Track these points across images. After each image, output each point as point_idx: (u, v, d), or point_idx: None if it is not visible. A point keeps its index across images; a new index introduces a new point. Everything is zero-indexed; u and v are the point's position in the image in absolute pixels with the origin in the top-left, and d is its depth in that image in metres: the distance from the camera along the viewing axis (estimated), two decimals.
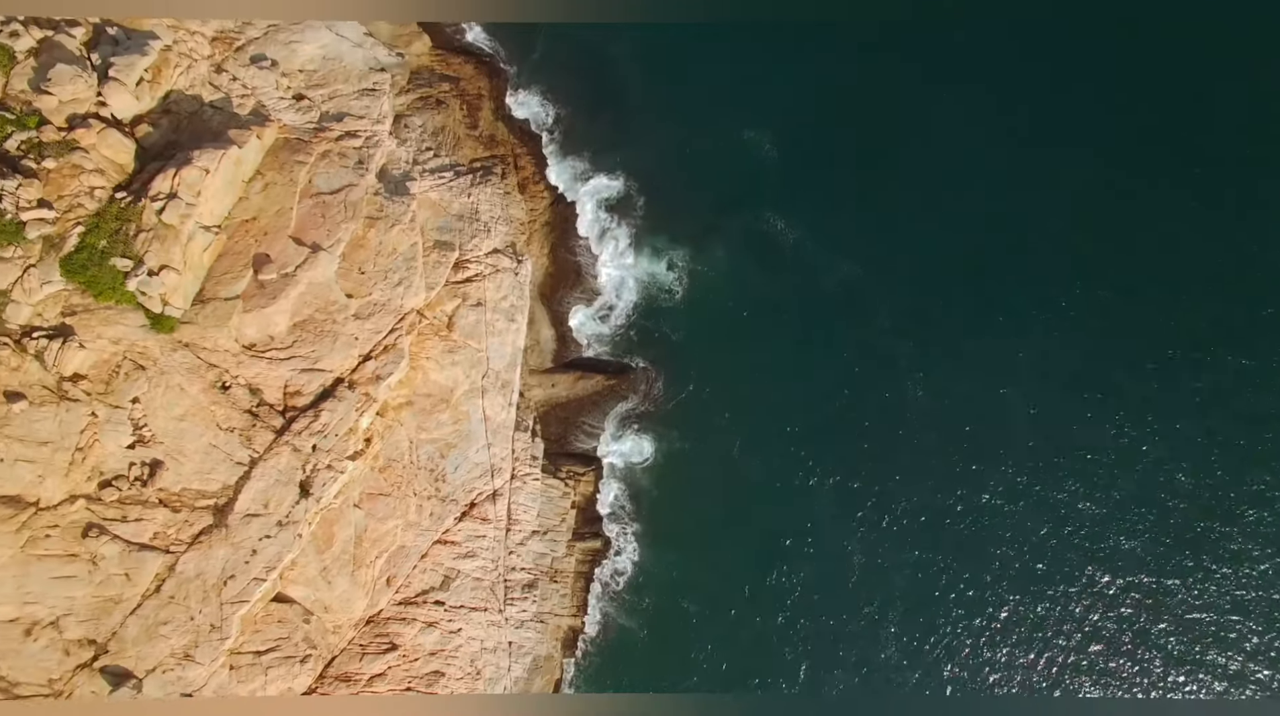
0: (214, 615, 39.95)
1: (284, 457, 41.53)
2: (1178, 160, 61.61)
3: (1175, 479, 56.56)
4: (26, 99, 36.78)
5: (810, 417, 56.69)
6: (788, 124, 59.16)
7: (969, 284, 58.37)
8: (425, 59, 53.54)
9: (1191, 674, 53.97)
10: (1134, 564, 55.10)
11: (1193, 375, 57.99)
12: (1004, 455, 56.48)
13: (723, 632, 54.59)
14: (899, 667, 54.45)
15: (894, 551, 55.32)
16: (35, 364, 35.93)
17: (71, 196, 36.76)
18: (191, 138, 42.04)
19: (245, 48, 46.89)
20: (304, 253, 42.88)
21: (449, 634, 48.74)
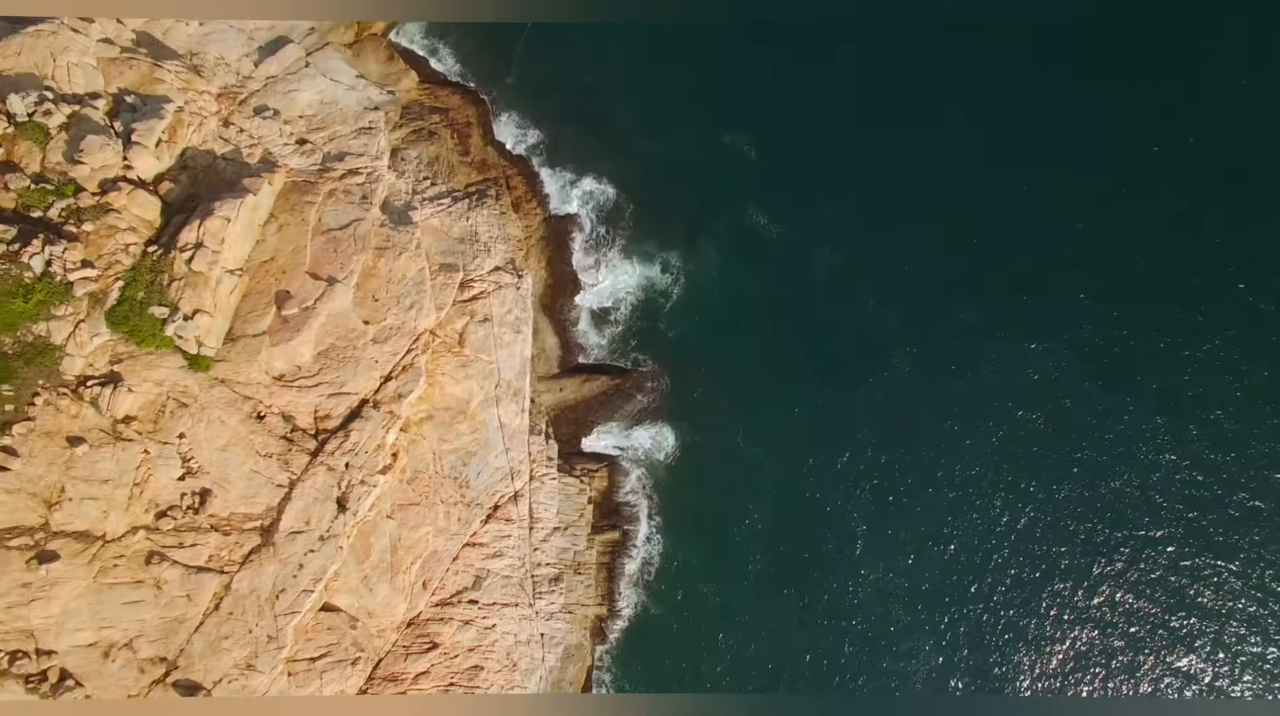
0: (269, 627, 43.35)
1: (320, 477, 44.93)
2: (1149, 138, 65.18)
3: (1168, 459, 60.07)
4: (62, 170, 40.16)
5: (807, 399, 59.84)
6: (762, 124, 62.16)
7: (944, 263, 61.61)
8: (414, 94, 56.84)
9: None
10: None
11: (1189, 347, 61.59)
12: (984, 428, 59.97)
13: (739, 610, 57.77)
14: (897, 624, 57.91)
15: (898, 523, 58.65)
16: (91, 410, 39.31)
17: (110, 254, 40.14)
18: (209, 189, 45.40)
19: (248, 100, 50.23)
20: (321, 286, 46.22)
21: (484, 630, 52.03)
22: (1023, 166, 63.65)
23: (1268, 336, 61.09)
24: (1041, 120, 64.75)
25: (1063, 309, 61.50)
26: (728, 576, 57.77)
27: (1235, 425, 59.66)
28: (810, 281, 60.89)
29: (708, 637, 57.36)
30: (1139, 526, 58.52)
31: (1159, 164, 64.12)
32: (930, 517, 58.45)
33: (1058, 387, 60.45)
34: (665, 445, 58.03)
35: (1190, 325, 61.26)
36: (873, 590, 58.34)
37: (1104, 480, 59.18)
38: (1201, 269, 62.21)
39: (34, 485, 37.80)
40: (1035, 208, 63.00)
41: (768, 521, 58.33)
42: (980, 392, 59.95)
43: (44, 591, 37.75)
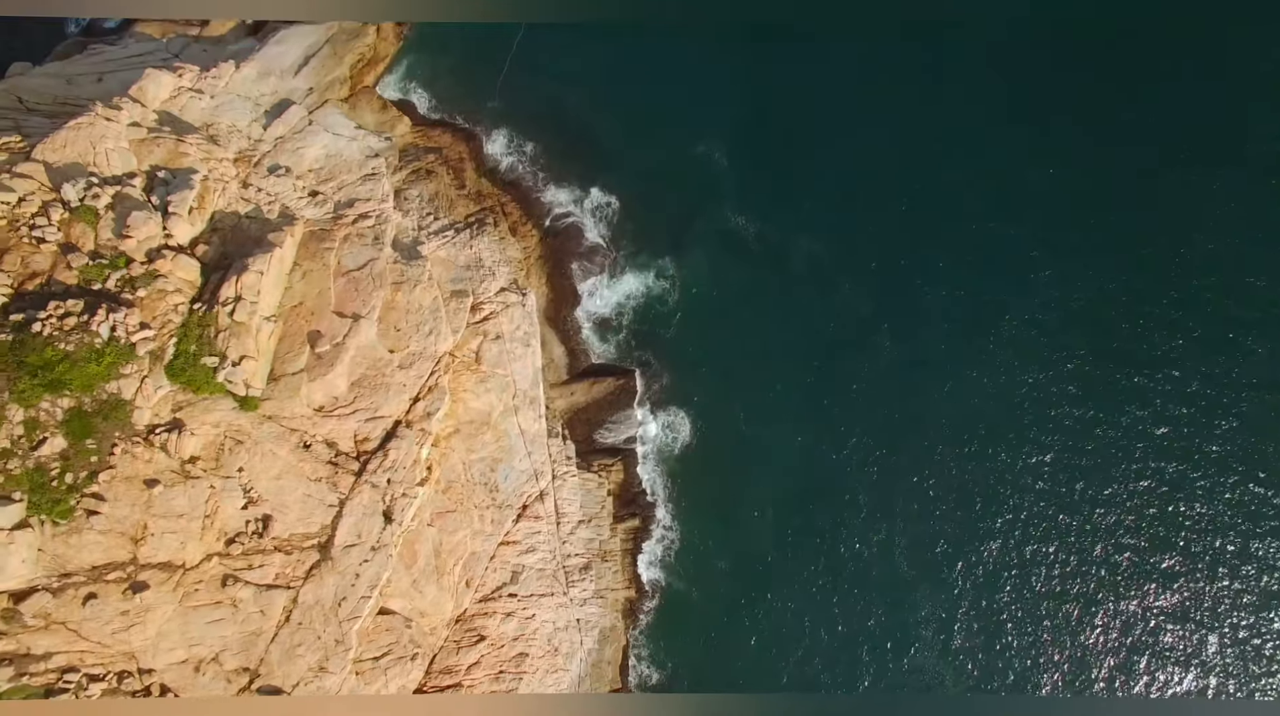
0: (336, 632, 48.31)
1: (365, 494, 49.90)
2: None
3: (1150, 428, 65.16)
4: (113, 244, 45.05)
5: (800, 381, 64.83)
6: (731, 131, 66.71)
7: (914, 243, 66.54)
8: (409, 137, 61.74)
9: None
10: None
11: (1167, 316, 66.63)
12: (962, 401, 65.10)
13: (756, 583, 62.75)
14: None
15: (894, 487, 63.63)
16: (162, 454, 44.22)
17: (162, 315, 45.04)
18: (238, 247, 50.31)
19: (261, 161, 55.15)
20: (348, 323, 51.11)
21: (525, 620, 57.01)
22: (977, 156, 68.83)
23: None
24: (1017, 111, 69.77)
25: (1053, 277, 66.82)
26: (743, 551, 62.73)
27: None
28: (791, 271, 65.74)
29: (730, 609, 62.36)
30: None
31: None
32: (915, 473, 63.51)
33: (1046, 350, 65.72)
34: (673, 435, 62.96)
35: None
36: (878, 550, 63.43)
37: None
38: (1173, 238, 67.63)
39: (121, 525, 42.73)
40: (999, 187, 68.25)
41: (776, 497, 63.24)
42: (967, 364, 65.12)
43: (140, 617, 42.65)
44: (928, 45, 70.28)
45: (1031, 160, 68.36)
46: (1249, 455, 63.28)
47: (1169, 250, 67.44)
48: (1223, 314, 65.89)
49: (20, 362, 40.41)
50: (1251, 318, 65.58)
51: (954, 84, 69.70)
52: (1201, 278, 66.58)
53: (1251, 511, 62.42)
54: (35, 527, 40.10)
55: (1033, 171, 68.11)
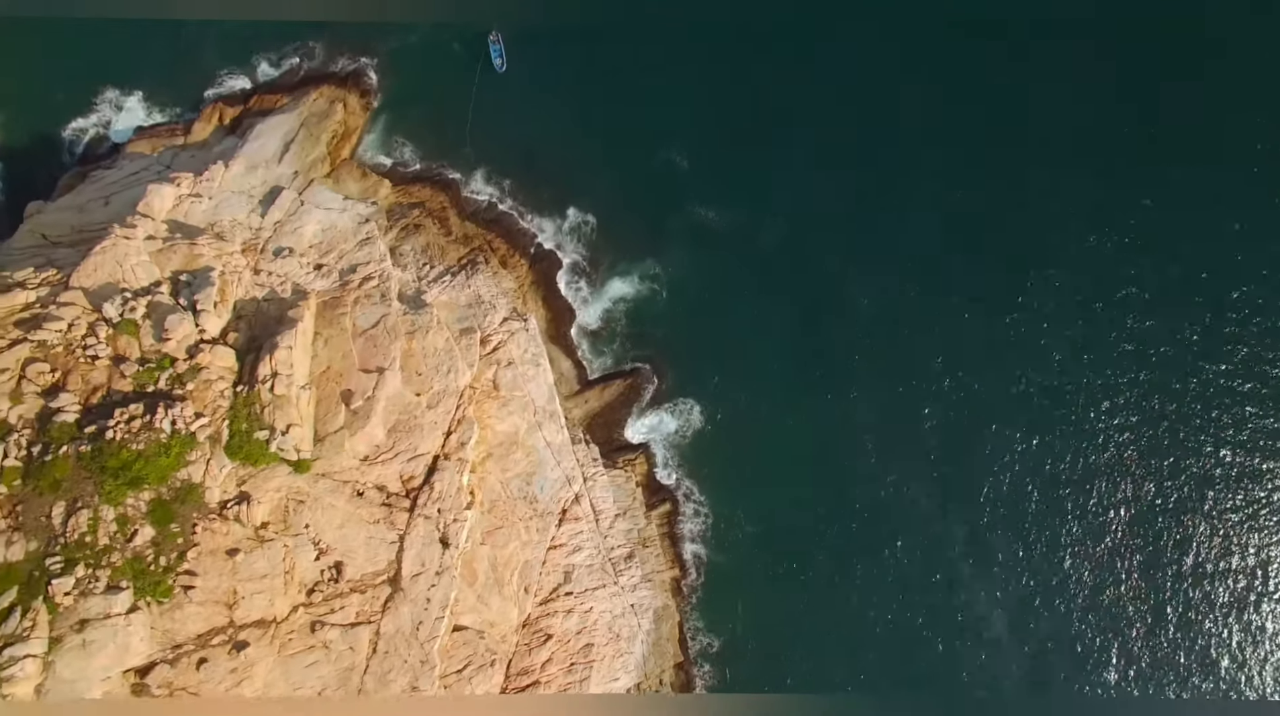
0: (419, 654, 53.48)
1: (420, 526, 55.06)
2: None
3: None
4: (156, 348, 50.19)
5: (791, 349, 70.02)
6: (686, 134, 71.33)
7: (869, 212, 71.66)
8: (393, 198, 66.68)
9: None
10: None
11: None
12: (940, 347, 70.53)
13: (788, 541, 68.03)
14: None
15: (891, 438, 69.09)
16: (236, 525, 49.37)
17: (212, 403, 50.15)
18: (263, 328, 55.39)
19: (266, 247, 60.22)
20: (373, 377, 56.17)
21: (584, 614, 62.20)
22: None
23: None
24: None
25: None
26: (771, 514, 68.30)
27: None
28: (766, 251, 71.10)
29: (769, 569, 67.63)
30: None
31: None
32: (908, 414, 68.81)
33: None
34: (686, 419, 68.00)
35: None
36: (893, 491, 68.72)
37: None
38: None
39: (215, 594, 47.88)
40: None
41: (791, 458, 68.83)
42: (940, 313, 70.48)
43: (246, 672, 47.78)
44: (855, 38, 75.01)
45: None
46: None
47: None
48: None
49: (103, 468, 45.59)
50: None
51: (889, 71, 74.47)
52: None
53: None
54: (144, 609, 45.27)
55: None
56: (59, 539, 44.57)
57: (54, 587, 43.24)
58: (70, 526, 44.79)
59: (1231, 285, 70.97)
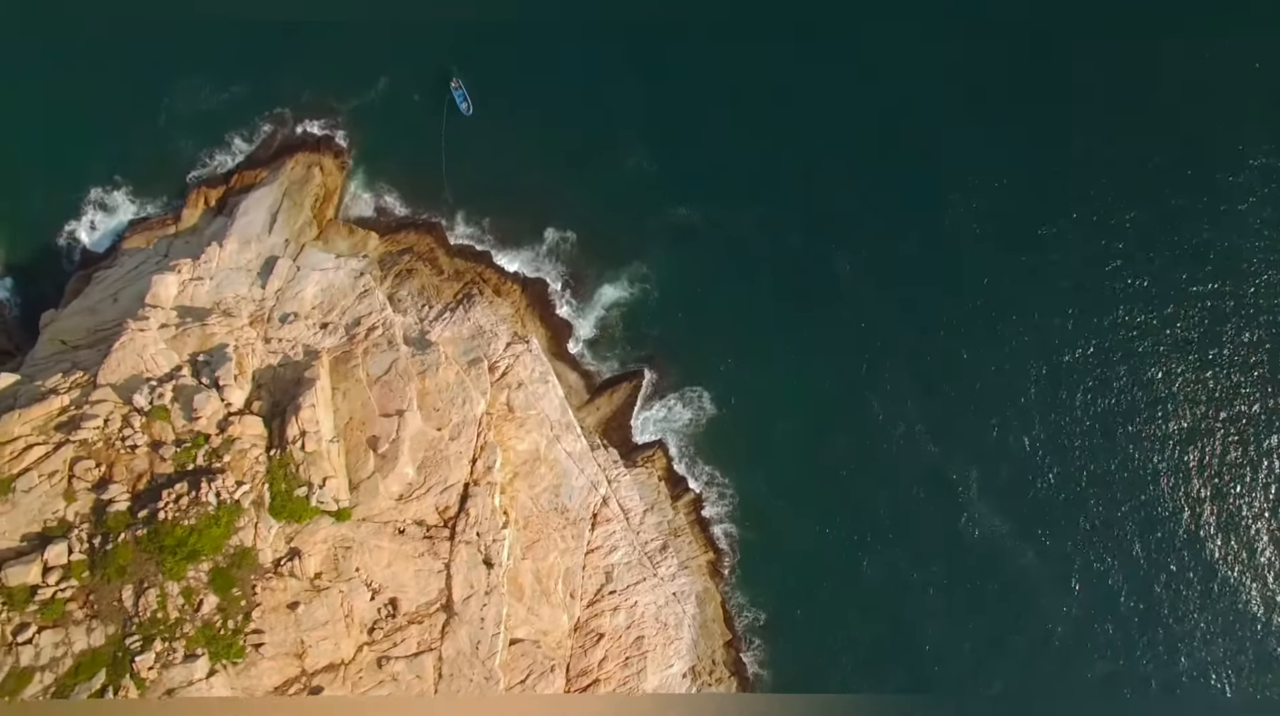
0: (483, 672, 56.50)
1: (463, 552, 58.07)
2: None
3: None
4: (189, 428, 53.22)
5: (783, 325, 73.10)
6: (648, 137, 74.00)
7: (835, 188, 74.76)
8: (382, 248, 69.60)
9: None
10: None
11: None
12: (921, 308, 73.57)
13: (814, 506, 71.11)
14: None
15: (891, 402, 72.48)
16: (292, 580, 52.39)
17: (250, 470, 53.18)
18: (283, 393, 58.40)
19: (271, 316, 63.17)
20: (395, 420, 59.15)
21: (630, 609, 65.23)
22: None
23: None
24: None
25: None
26: (792, 484, 71.45)
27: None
28: (744, 237, 73.95)
29: (799, 538, 70.65)
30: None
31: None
32: (901, 367, 71.90)
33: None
34: (694, 409, 71.03)
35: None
36: (902, 441, 71.70)
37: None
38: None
39: (283, 647, 50.91)
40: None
41: (801, 428, 72.00)
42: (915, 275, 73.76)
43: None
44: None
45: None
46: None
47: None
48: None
49: (161, 547, 48.64)
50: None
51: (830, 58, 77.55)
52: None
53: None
54: (222, 671, 48.37)
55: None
56: (133, 619, 47.68)
57: (138, 664, 46.39)
58: (141, 606, 47.89)
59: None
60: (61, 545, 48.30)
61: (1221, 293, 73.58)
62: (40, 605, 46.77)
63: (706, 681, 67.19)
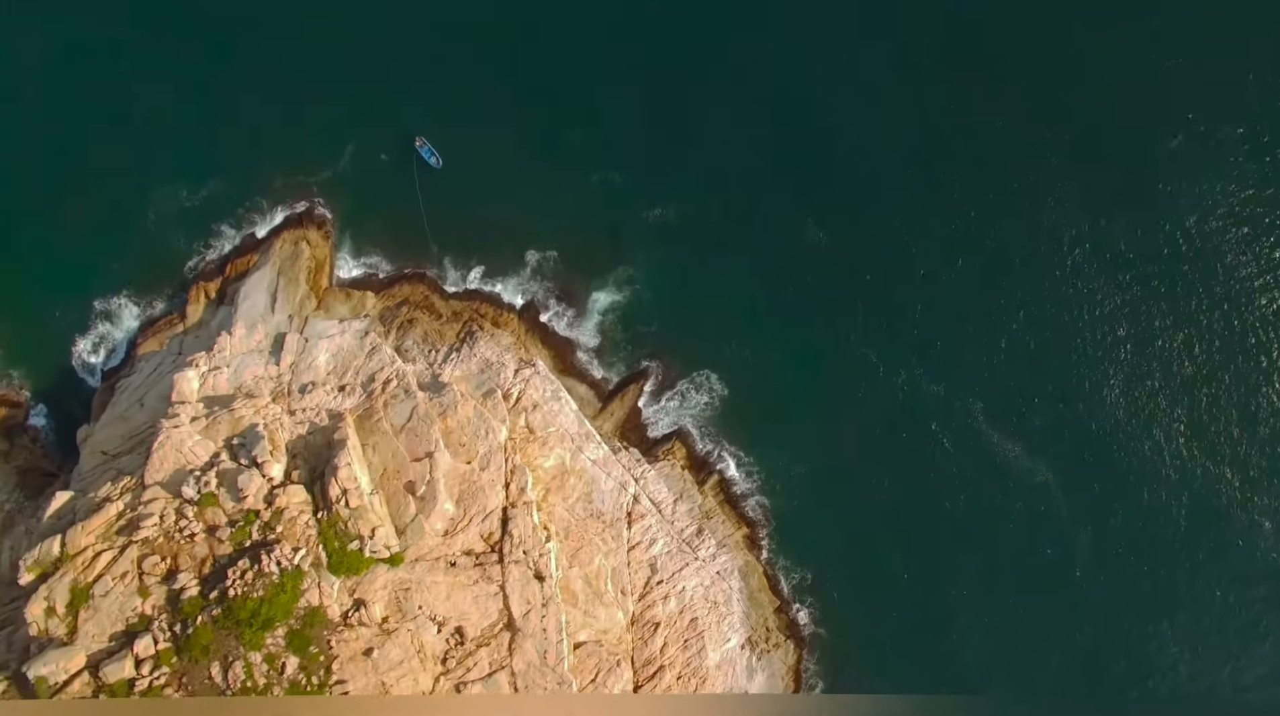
0: (555, 678, 60.05)
1: (514, 571, 61.59)
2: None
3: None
4: (238, 508, 56.77)
5: (773, 298, 76.46)
6: (612, 149, 76.97)
7: (792, 162, 78.19)
8: (380, 305, 72.94)
9: None
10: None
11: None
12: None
13: (830, 470, 74.45)
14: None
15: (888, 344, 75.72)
16: (362, 628, 55.98)
17: (302, 535, 56.72)
18: (317, 458, 61.94)
19: (291, 390, 66.62)
20: (426, 463, 62.63)
21: (679, 594, 68.68)
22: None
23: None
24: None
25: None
26: (811, 448, 74.66)
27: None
28: (711, 225, 77.13)
29: (828, 499, 74.13)
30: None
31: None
32: (890, 318, 75.25)
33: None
34: (706, 393, 74.38)
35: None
36: (907, 389, 75.16)
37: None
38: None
39: (367, 691, 54.46)
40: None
41: (809, 399, 75.51)
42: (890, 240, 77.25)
43: None
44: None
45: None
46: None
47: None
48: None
49: (237, 622, 52.23)
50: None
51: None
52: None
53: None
54: None
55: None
56: (226, 692, 51.26)
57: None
58: (231, 678, 51.49)
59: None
60: (146, 637, 51.91)
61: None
62: (140, 695, 50.35)
63: (765, 648, 70.60)
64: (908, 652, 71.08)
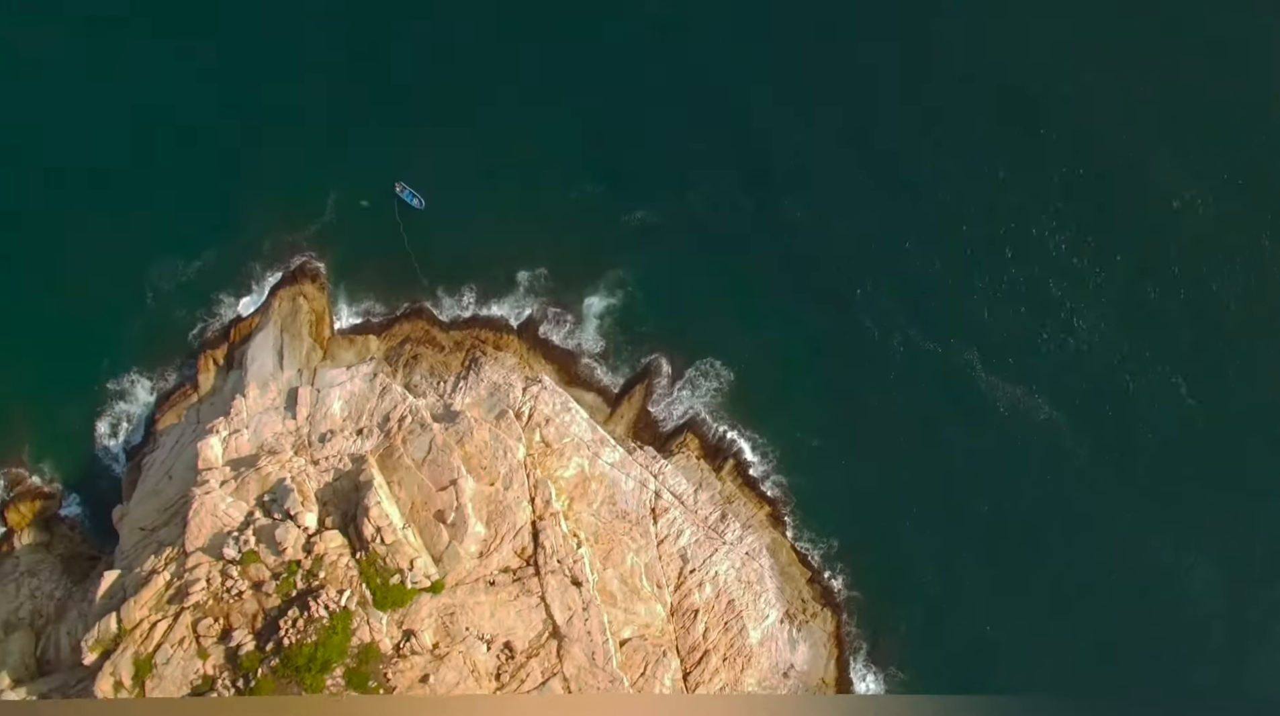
0: (606, 676, 62.25)
1: (552, 581, 63.77)
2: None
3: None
4: (280, 561, 59.01)
5: (762, 280, 78.71)
6: (583, 166, 79.61)
7: (759, 148, 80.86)
8: (383, 346, 75.15)
9: None
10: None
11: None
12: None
13: (843, 438, 76.59)
14: None
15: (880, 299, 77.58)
16: (415, 656, 58.19)
17: (344, 577, 58.96)
18: (346, 502, 64.15)
19: (311, 441, 68.80)
20: (451, 491, 64.71)
21: (713, 580, 70.81)
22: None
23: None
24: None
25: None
26: (823, 421, 76.78)
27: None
28: (699, 216, 79.56)
29: (844, 466, 76.18)
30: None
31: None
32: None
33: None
34: (712, 380, 76.54)
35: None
36: (904, 350, 77.11)
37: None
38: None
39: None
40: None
41: (812, 373, 77.75)
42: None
43: None
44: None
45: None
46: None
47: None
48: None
49: (296, 668, 54.50)
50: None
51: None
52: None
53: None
54: None
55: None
56: None
57: None
58: None
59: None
60: (212, 697, 54.11)
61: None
62: None
63: (804, 619, 72.68)
64: (940, 600, 73.20)
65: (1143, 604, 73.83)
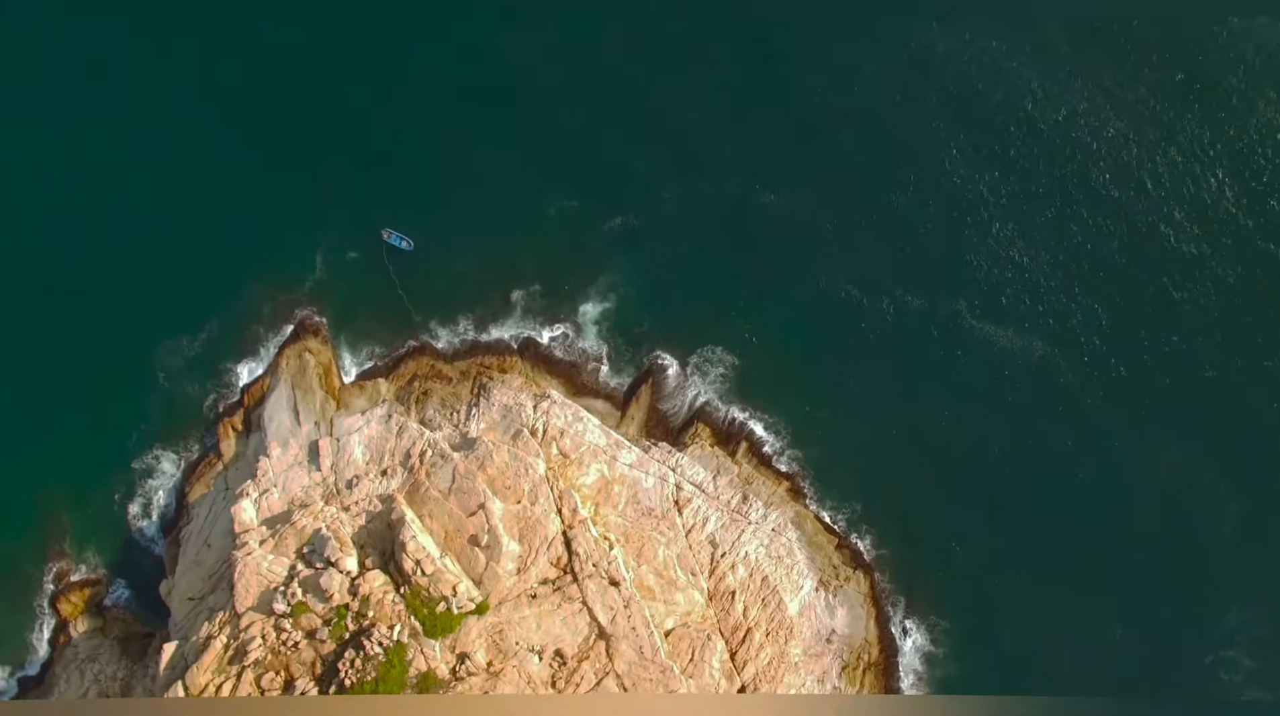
0: (658, 667, 64.62)
1: (590, 585, 66.00)
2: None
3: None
4: (328, 608, 61.32)
5: (752, 265, 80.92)
6: (560, 183, 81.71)
7: (729, 142, 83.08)
8: (393, 387, 77.33)
9: None
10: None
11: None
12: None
13: (852, 406, 78.64)
14: None
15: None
16: (473, 677, 60.48)
17: (392, 613, 61.26)
18: (383, 541, 66.44)
19: (339, 488, 71.05)
20: (481, 515, 66.95)
21: (744, 560, 72.94)
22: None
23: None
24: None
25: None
26: (828, 395, 78.94)
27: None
28: (682, 214, 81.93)
29: (857, 435, 78.24)
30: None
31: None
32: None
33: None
34: (717, 367, 78.57)
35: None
36: (894, 325, 79.19)
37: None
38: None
39: None
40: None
41: (812, 349, 79.83)
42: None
43: None
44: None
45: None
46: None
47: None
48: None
49: None
50: None
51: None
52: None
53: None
54: None
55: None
56: None
57: None
58: None
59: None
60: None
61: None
62: None
63: (838, 584, 74.75)
64: (967, 545, 75.16)
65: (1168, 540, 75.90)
